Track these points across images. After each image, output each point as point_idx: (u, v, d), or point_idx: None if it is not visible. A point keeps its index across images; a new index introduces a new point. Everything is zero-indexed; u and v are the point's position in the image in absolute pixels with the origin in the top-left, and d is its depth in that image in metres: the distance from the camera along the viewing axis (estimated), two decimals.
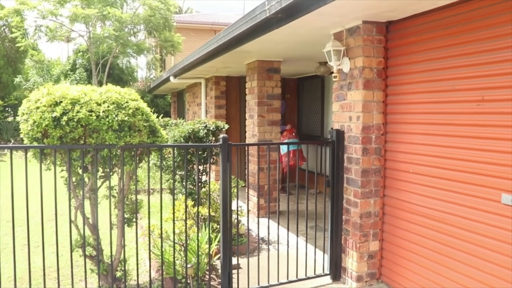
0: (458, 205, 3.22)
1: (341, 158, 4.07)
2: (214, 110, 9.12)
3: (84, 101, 3.24)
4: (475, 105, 3.06)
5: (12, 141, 17.81)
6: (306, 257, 4.17)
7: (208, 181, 4.38)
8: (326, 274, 4.20)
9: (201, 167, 5.03)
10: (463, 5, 3.09)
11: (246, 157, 5.00)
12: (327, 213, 4.19)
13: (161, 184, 3.73)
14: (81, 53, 18.10)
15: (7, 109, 20.16)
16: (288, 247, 4.19)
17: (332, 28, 4.11)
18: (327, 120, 8.38)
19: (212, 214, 4.77)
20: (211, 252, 4.08)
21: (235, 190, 5.17)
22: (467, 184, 3.14)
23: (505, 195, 2.84)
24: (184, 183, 4.74)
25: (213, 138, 5.06)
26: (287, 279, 4.04)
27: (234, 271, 3.90)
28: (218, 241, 4.23)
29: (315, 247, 4.37)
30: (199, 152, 4.74)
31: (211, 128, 5.04)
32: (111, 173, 3.53)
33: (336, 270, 4.16)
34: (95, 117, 3.19)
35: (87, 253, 3.60)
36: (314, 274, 4.19)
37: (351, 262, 4.01)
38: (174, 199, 3.88)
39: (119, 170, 3.56)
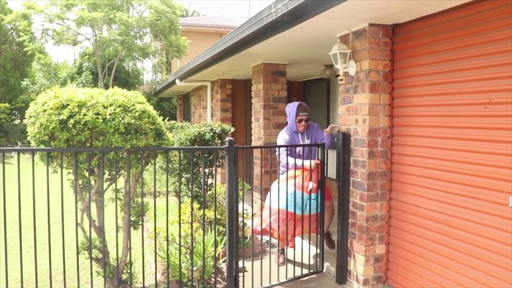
0: (465, 208, 3.19)
1: (347, 161, 4.05)
2: (220, 113, 9.13)
3: (90, 104, 3.24)
4: (483, 107, 3.03)
5: (19, 143, 17.92)
6: (309, 258, 4.16)
7: (214, 184, 4.38)
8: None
9: (207, 170, 5.03)
10: (470, 7, 3.07)
11: (252, 160, 4.99)
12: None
13: (167, 186, 3.74)
14: (87, 56, 18.23)
15: (14, 112, 20.30)
16: (294, 249, 4.17)
17: (338, 31, 4.10)
18: (333, 123, 8.36)
19: (218, 217, 4.76)
20: (217, 255, 4.07)
21: (241, 193, 5.16)
22: (475, 187, 3.12)
23: None
24: (190, 186, 4.74)
25: (219, 141, 5.06)
26: (286, 278, 4.09)
27: (240, 274, 3.89)
28: (224, 244, 4.22)
29: (322, 250, 4.34)
30: (205, 155, 4.74)
31: (217, 131, 5.04)
32: (117, 176, 3.54)
33: (342, 273, 4.14)
34: (101, 120, 3.19)
35: (93, 255, 3.61)
36: (315, 272, 4.17)
37: (357, 265, 3.99)
38: (180, 202, 3.89)
39: (126, 173, 3.56)
